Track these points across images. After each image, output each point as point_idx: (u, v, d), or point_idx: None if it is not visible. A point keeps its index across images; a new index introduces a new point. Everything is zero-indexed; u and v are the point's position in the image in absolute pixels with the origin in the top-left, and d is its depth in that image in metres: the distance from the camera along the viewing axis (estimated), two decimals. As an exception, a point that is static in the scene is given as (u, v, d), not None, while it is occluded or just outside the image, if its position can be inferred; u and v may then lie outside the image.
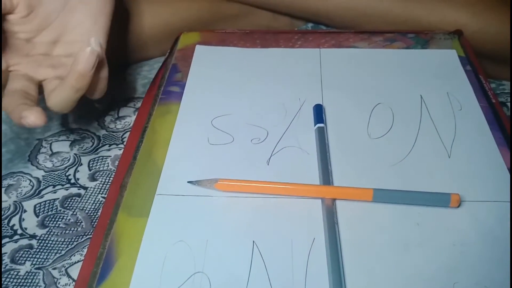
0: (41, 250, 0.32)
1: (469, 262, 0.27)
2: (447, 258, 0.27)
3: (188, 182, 0.31)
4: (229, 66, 0.42)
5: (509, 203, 0.30)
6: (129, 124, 0.42)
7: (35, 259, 0.31)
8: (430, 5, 0.45)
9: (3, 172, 0.37)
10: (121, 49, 0.47)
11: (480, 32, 0.44)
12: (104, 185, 0.36)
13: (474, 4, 0.44)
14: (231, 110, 0.37)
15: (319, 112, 0.36)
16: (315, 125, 0.35)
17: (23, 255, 0.32)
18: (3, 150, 0.40)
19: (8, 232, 0.33)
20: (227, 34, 0.45)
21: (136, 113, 0.43)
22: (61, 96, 0.33)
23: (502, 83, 0.47)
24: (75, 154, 0.39)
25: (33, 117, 0.30)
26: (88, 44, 0.33)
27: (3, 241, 0.33)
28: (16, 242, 0.32)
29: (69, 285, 0.30)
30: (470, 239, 0.28)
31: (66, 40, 0.36)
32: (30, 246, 0.32)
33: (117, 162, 0.38)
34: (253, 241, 0.28)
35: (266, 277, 0.26)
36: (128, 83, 0.46)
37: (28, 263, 0.31)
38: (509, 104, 0.44)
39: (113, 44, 0.40)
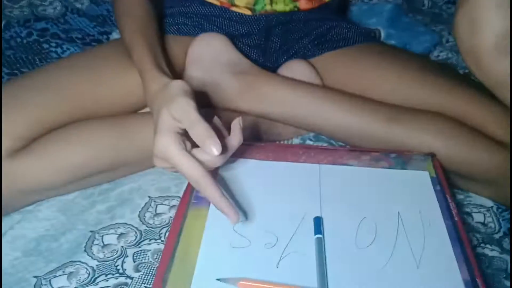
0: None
1: None
2: None
3: (217, 279, 0.41)
4: (246, 176, 0.52)
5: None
6: (165, 221, 0.51)
7: None
8: (409, 132, 0.56)
9: (65, 260, 0.47)
10: None
11: (449, 156, 0.54)
12: (147, 276, 0.45)
13: (445, 132, 0.55)
14: (248, 216, 0.47)
15: (318, 224, 0.46)
16: (315, 234, 0.45)
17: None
18: (63, 239, 0.49)
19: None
20: (245, 146, 0.56)
21: (171, 210, 0.53)
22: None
23: (470, 195, 0.57)
24: (121, 246, 0.48)
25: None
26: None
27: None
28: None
29: None
30: None
31: None
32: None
33: (156, 255, 0.48)
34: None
35: None
36: (163, 182, 0.56)
37: None
38: (474, 214, 0.54)
39: None
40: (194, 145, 0.46)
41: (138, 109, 0.61)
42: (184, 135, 0.46)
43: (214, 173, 0.52)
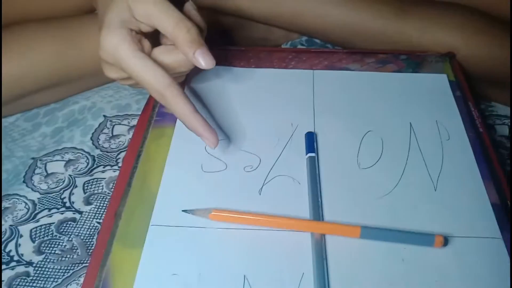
0: (38, 278, 0.33)
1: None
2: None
3: (183, 211, 0.32)
4: (222, 86, 0.42)
5: (491, 239, 0.31)
6: (124, 144, 0.42)
7: None
8: (422, 27, 0.45)
9: (-1, 194, 0.38)
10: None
11: (471, 56, 0.44)
12: (99, 209, 0.37)
13: (465, 27, 0.44)
14: (224, 134, 0.38)
15: (310, 141, 0.36)
16: (306, 153, 0.36)
17: (20, 283, 0.33)
18: (-2, 169, 0.40)
19: (4, 258, 0.34)
20: (221, 51, 0.45)
21: (131, 131, 0.43)
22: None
23: (491, 104, 0.47)
24: (69, 175, 0.39)
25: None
26: None
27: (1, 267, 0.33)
28: (12, 269, 0.33)
29: (66, 314, 0.31)
30: (452, 276, 0.29)
31: None
32: (27, 274, 0.33)
33: (111, 184, 0.39)
34: (244, 276, 0.29)
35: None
36: (121, 98, 0.46)
37: (25, 291, 0.32)
38: (497, 126, 0.45)
39: None
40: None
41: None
42: (141, 33, 0.35)
43: (182, 84, 0.42)
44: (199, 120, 0.33)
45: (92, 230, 0.36)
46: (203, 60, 0.33)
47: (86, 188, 0.38)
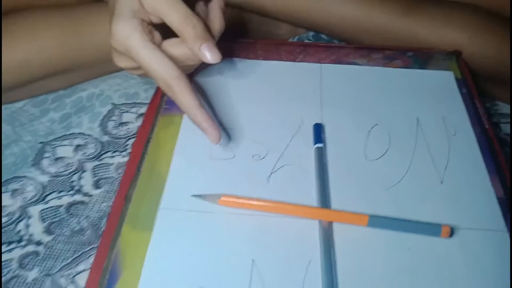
0: (48, 257, 0.33)
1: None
2: (435, 286, 0.29)
3: (192, 195, 0.33)
4: (231, 77, 0.43)
5: (496, 232, 0.31)
6: (132, 131, 0.42)
7: (42, 266, 0.33)
8: (429, 25, 0.46)
9: (8, 176, 0.38)
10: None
11: (477, 54, 0.45)
12: (108, 193, 0.37)
13: (471, 25, 0.45)
14: (233, 124, 0.38)
15: (318, 132, 0.37)
16: (314, 144, 0.36)
17: (31, 261, 0.33)
18: (7, 152, 0.40)
19: (15, 237, 0.34)
20: (229, 43, 0.46)
21: (139, 119, 0.44)
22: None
23: (496, 103, 0.48)
24: (78, 159, 0.40)
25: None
26: None
27: (11, 246, 0.34)
28: (23, 248, 0.34)
29: (75, 294, 0.31)
30: (457, 267, 0.29)
31: None
32: (37, 253, 0.33)
33: (120, 170, 0.39)
34: (252, 260, 0.30)
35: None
36: (130, 87, 0.47)
37: (35, 270, 0.33)
38: (502, 125, 0.46)
39: None
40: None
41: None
42: (151, 25, 0.35)
43: (189, 76, 0.42)
44: (203, 115, 0.34)
45: (101, 213, 0.36)
46: (209, 54, 0.34)
47: (95, 172, 0.39)
